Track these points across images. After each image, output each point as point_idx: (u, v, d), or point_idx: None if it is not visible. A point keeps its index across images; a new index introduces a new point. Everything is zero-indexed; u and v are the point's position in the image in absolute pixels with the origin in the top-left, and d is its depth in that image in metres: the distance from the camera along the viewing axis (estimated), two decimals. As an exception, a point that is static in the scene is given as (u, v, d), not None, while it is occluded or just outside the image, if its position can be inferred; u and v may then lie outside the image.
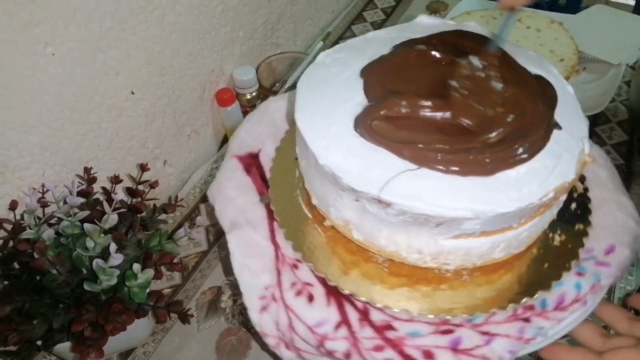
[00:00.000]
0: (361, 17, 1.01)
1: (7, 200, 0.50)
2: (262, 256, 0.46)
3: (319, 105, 0.43)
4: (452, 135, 0.39)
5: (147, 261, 0.50)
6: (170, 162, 0.72)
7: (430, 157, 0.38)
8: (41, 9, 0.46)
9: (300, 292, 0.44)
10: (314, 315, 0.43)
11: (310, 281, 0.45)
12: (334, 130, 0.41)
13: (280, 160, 0.52)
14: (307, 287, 0.44)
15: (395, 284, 0.44)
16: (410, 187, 0.37)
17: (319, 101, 0.43)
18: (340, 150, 0.40)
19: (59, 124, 0.53)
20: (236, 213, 0.48)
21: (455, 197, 0.37)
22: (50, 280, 0.46)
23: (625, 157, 0.72)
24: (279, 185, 0.50)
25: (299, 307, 0.43)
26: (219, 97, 0.73)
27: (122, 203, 0.53)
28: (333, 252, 0.46)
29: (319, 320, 0.43)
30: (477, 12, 0.86)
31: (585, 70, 0.80)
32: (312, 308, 0.43)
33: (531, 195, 0.37)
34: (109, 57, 0.55)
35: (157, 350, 0.57)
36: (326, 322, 0.43)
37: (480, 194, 0.37)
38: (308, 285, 0.45)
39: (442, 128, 0.40)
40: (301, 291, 0.44)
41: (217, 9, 0.69)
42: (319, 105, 0.43)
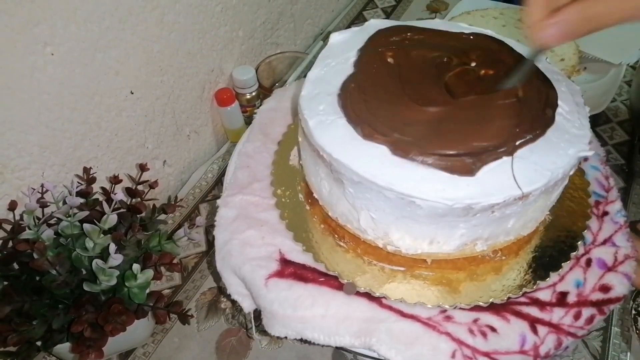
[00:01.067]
0: (361, 17, 1.00)
1: (7, 201, 0.50)
2: (417, 336, 0.42)
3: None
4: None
5: (147, 262, 0.50)
6: (170, 162, 0.71)
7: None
8: (40, 9, 0.46)
9: (483, 332, 0.43)
10: (512, 340, 0.43)
11: (473, 317, 0.44)
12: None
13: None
14: (479, 323, 0.44)
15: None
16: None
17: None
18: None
19: (58, 124, 0.52)
20: (349, 324, 0.44)
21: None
22: (50, 281, 0.46)
23: (626, 157, 0.72)
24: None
25: (496, 344, 0.43)
26: (219, 97, 0.73)
27: (122, 203, 0.53)
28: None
29: (519, 340, 0.43)
30: (477, 11, 0.86)
31: (585, 70, 0.79)
32: (502, 335, 0.43)
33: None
34: (108, 56, 0.55)
35: (157, 350, 0.57)
36: (524, 335, 0.43)
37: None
38: (477, 321, 0.44)
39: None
40: (483, 331, 0.43)
41: (217, 8, 0.69)
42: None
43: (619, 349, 0.55)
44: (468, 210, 0.39)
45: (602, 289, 0.45)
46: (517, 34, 0.80)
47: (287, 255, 0.48)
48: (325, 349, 0.56)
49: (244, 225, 0.50)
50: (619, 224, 0.50)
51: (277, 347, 0.57)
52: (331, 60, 0.48)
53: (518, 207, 0.40)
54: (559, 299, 0.45)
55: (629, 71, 0.80)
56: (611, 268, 0.46)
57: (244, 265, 0.47)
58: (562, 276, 0.46)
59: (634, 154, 0.72)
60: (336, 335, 0.43)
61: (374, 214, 0.43)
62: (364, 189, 0.41)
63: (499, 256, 0.47)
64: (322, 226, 0.50)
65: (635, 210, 0.66)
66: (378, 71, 0.46)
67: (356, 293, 0.45)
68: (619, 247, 0.48)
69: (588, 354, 0.54)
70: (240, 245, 0.48)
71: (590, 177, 0.53)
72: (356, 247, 0.48)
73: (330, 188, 0.46)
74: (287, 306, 0.44)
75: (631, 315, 0.53)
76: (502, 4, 0.89)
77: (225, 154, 0.77)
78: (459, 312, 0.44)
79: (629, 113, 0.78)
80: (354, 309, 0.44)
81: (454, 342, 0.42)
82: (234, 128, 0.77)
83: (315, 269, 0.47)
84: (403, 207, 0.40)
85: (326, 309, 0.44)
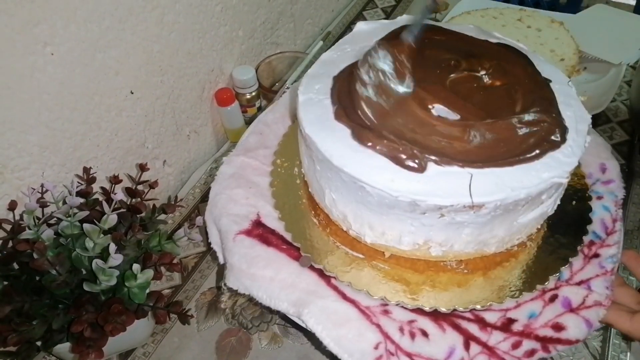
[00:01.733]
0: (361, 17, 1.00)
1: (7, 201, 0.50)
2: (349, 319, 0.44)
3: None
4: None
5: (147, 261, 0.50)
6: (170, 162, 0.71)
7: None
8: (40, 9, 0.46)
9: (413, 333, 0.43)
10: (440, 349, 0.42)
11: (410, 318, 0.44)
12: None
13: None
14: (413, 325, 0.44)
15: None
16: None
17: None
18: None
19: (58, 124, 0.52)
20: (291, 292, 0.46)
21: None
22: (50, 281, 0.46)
23: (626, 157, 0.72)
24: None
25: (421, 348, 0.42)
26: (219, 97, 0.73)
27: (122, 203, 0.53)
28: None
29: (447, 351, 0.42)
30: (477, 11, 0.86)
31: (585, 70, 0.79)
32: (432, 342, 0.43)
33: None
34: (108, 56, 0.55)
35: (157, 351, 0.57)
36: (454, 348, 0.42)
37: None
38: (412, 322, 0.44)
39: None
40: (413, 332, 0.43)
41: (217, 8, 0.68)
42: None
43: (619, 349, 0.54)
44: (414, 206, 0.39)
45: (555, 327, 0.44)
46: (516, 34, 0.80)
47: (262, 219, 0.51)
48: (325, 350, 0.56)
49: (235, 183, 0.54)
50: (605, 269, 0.47)
51: (277, 347, 0.57)
52: (348, 47, 0.51)
53: (470, 216, 0.40)
54: (504, 324, 0.44)
55: (628, 71, 0.80)
56: (574, 310, 0.45)
57: (222, 217, 0.51)
58: (519, 304, 0.45)
59: (633, 154, 0.72)
60: (277, 300, 0.45)
61: (334, 194, 0.45)
62: (326, 168, 0.43)
63: (461, 268, 0.47)
64: (304, 201, 0.52)
65: (635, 210, 0.66)
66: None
67: (310, 267, 0.47)
68: (592, 292, 0.46)
69: (588, 354, 0.54)
70: (225, 200, 0.52)
71: (596, 215, 0.51)
72: (327, 226, 0.50)
73: (308, 164, 0.48)
74: (243, 262, 0.47)
75: (626, 342, 0.53)
76: (502, 3, 0.89)
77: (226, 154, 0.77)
78: (400, 310, 0.45)
79: (629, 113, 0.78)
80: (301, 280, 0.46)
81: (381, 334, 0.43)
82: (234, 128, 0.77)
83: (282, 237, 0.50)
84: (355, 191, 0.41)
85: (276, 272, 0.47)
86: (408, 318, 0.44)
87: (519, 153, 0.41)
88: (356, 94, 0.43)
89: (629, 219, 0.64)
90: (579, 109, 0.46)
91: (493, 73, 0.47)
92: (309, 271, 0.47)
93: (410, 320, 0.44)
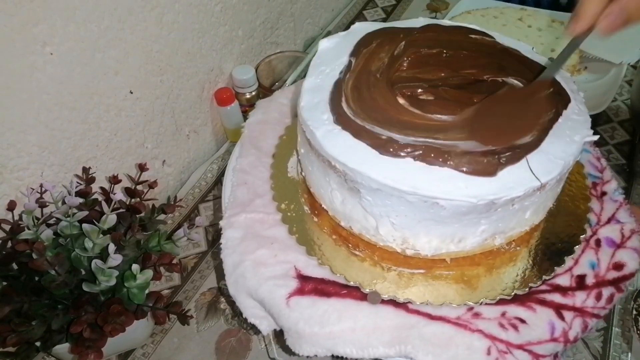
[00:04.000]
0: (361, 16, 1.00)
1: (6, 201, 0.50)
2: (450, 337, 0.42)
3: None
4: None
5: (146, 262, 0.50)
6: (169, 162, 0.71)
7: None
8: (40, 9, 0.46)
9: (514, 324, 0.43)
10: (541, 329, 0.43)
11: (500, 311, 0.44)
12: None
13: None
14: (507, 316, 0.43)
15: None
16: None
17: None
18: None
19: (57, 124, 0.52)
20: (380, 334, 0.43)
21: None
22: (49, 281, 0.46)
23: (627, 156, 0.72)
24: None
25: (528, 334, 0.42)
26: (218, 97, 0.73)
27: (121, 203, 0.53)
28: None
29: (549, 328, 0.43)
30: (477, 11, 0.86)
31: (586, 69, 0.79)
32: (532, 326, 0.43)
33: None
34: (107, 56, 0.55)
35: (157, 351, 0.57)
36: (553, 323, 0.43)
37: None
38: (504, 315, 0.44)
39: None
40: (513, 324, 0.43)
41: (216, 7, 0.68)
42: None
43: (620, 350, 0.54)
44: (491, 205, 0.39)
45: (616, 267, 0.46)
46: (517, 34, 0.80)
47: (303, 271, 0.46)
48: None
49: (253, 244, 0.48)
50: (619, 201, 0.50)
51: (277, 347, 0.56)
52: (325, 68, 0.48)
53: (536, 197, 0.41)
54: (578, 282, 0.45)
55: (629, 71, 0.80)
56: (620, 245, 0.47)
57: (260, 286, 0.45)
58: (576, 260, 0.46)
59: (634, 154, 0.71)
60: (369, 347, 0.42)
61: (394, 219, 0.42)
62: (384, 196, 0.40)
63: (513, 247, 0.47)
64: (333, 237, 0.49)
65: (636, 210, 0.66)
66: (367, 77, 0.46)
67: (381, 301, 0.44)
68: (623, 224, 0.49)
69: (589, 355, 0.54)
70: (253, 266, 0.46)
71: (582, 160, 0.53)
72: (372, 254, 0.47)
73: (344, 198, 0.45)
74: (313, 324, 0.43)
75: (632, 316, 0.53)
76: (502, 3, 0.89)
77: (225, 154, 0.77)
78: (485, 307, 0.44)
79: (630, 113, 0.78)
80: (382, 318, 0.43)
81: (487, 338, 0.42)
82: (234, 128, 0.77)
83: (334, 282, 0.45)
84: (426, 209, 0.40)
85: (354, 321, 0.43)
86: (499, 312, 0.44)
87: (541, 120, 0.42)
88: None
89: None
90: (560, 72, 0.47)
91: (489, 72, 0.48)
92: (383, 306, 0.44)
93: (502, 312, 0.44)
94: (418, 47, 0.49)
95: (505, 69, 0.47)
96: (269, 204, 0.51)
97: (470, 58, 0.48)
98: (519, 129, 0.41)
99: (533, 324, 0.43)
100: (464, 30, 0.51)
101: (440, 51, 0.49)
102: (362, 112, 0.43)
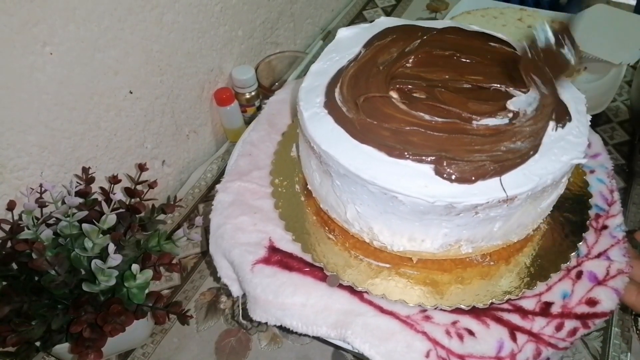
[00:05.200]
0: (361, 16, 1.00)
1: (5, 201, 0.50)
2: (393, 332, 0.43)
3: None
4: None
5: (146, 262, 0.50)
6: (169, 162, 0.71)
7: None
8: (40, 9, 0.46)
9: (460, 334, 0.43)
10: (489, 345, 0.42)
11: (452, 319, 0.44)
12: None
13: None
14: (457, 326, 0.43)
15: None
16: None
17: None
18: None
19: (57, 124, 0.52)
20: (327, 315, 0.44)
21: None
22: (49, 281, 0.46)
23: (626, 157, 0.72)
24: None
25: (472, 347, 0.42)
26: (218, 97, 0.73)
27: (121, 203, 0.53)
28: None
29: (496, 346, 0.43)
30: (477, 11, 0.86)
31: (586, 70, 0.79)
32: (480, 340, 0.43)
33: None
34: (107, 56, 0.55)
35: (156, 351, 0.57)
36: (502, 342, 0.43)
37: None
38: (455, 323, 0.44)
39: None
40: (460, 333, 0.43)
41: (216, 7, 0.68)
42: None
43: (619, 350, 0.54)
44: (450, 209, 0.39)
45: (589, 302, 0.45)
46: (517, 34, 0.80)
47: (276, 243, 0.49)
48: (325, 350, 0.56)
49: (238, 210, 0.51)
50: (617, 238, 0.49)
51: (277, 347, 0.57)
52: (335, 55, 0.49)
53: (503, 210, 0.40)
54: (543, 308, 0.45)
55: (629, 71, 0.80)
56: (601, 282, 0.46)
57: (233, 249, 0.48)
58: (550, 286, 0.46)
59: (634, 154, 0.71)
60: (314, 325, 0.44)
61: (359, 207, 0.43)
62: (350, 182, 0.41)
63: (487, 261, 0.47)
64: (314, 218, 0.51)
65: (636, 210, 0.66)
66: (370, 68, 0.47)
67: (339, 286, 0.45)
68: (612, 261, 0.47)
69: (588, 355, 0.54)
70: (232, 230, 0.50)
71: (594, 189, 0.52)
72: (345, 240, 0.49)
73: (321, 180, 0.46)
74: (269, 292, 0.45)
75: (631, 316, 0.53)
76: (502, 3, 0.89)
77: (225, 154, 0.77)
78: (440, 313, 0.44)
79: (630, 113, 0.78)
80: (334, 301, 0.45)
81: (430, 341, 0.42)
82: (234, 128, 0.77)
83: (301, 259, 0.48)
84: (386, 202, 0.40)
85: (307, 298, 0.45)
86: (450, 320, 0.44)
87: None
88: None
89: (629, 219, 0.64)
90: (573, 91, 0.47)
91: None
92: (339, 290, 0.45)
93: (454, 321, 0.44)
94: (431, 47, 0.49)
95: (514, 80, 0.46)
96: (265, 177, 0.54)
97: (482, 65, 0.48)
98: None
99: (482, 338, 0.43)
100: (485, 37, 0.51)
101: (453, 54, 0.49)
102: (350, 99, 0.44)
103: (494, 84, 0.46)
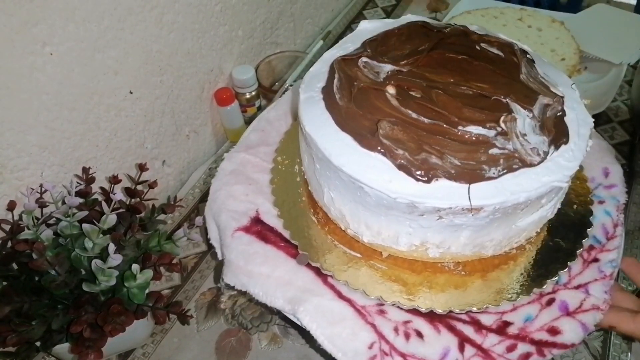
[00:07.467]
0: (361, 16, 1.00)
1: (5, 201, 0.50)
2: (343, 318, 0.44)
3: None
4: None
5: (146, 262, 0.50)
6: (169, 162, 0.71)
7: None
8: (39, 9, 0.46)
9: (408, 333, 0.43)
10: (434, 350, 0.42)
11: (406, 318, 0.44)
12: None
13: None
14: (408, 326, 0.43)
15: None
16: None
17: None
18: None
19: (57, 124, 0.52)
20: (287, 289, 0.45)
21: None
22: (49, 281, 0.46)
23: (627, 156, 0.72)
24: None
25: (415, 348, 0.42)
26: (218, 97, 0.73)
27: (121, 203, 0.53)
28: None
29: (441, 352, 0.42)
30: (477, 11, 0.86)
31: (586, 69, 0.79)
32: (426, 343, 0.42)
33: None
34: (107, 56, 0.55)
35: (157, 351, 0.57)
36: (448, 350, 0.42)
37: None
38: (407, 323, 0.44)
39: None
40: (408, 333, 0.43)
41: (216, 7, 0.68)
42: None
43: (620, 349, 0.54)
44: (412, 208, 0.39)
45: (550, 330, 0.44)
46: (517, 34, 0.80)
47: (261, 216, 0.51)
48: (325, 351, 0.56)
49: (235, 179, 0.54)
50: (604, 273, 0.47)
51: (277, 347, 0.57)
52: (350, 45, 0.50)
53: (469, 219, 0.39)
54: (500, 326, 0.44)
55: (629, 71, 0.80)
56: (570, 313, 0.45)
57: (221, 213, 0.51)
58: (516, 307, 0.45)
59: (634, 154, 0.71)
60: (273, 297, 0.46)
61: (332, 193, 0.45)
62: (326, 167, 0.42)
63: (459, 270, 0.46)
64: (304, 199, 0.52)
65: (636, 210, 0.66)
66: (377, 60, 0.47)
67: (307, 265, 0.47)
68: (590, 295, 0.46)
69: (588, 354, 0.54)
70: (224, 196, 0.52)
71: (597, 220, 0.50)
72: (325, 224, 0.50)
73: (308, 162, 0.48)
74: (241, 258, 0.47)
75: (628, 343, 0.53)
76: (502, 3, 0.89)
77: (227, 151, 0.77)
78: (396, 310, 0.45)
79: (630, 113, 0.78)
80: (297, 278, 0.46)
81: (376, 334, 0.43)
82: (234, 128, 0.77)
83: (280, 234, 0.50)
84: (354, 191, 0.41)
85: (273, 270, 0.47)
86: (404, 319, 0.44)
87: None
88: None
89: (629, 220, 0.64)
90: (581, 112, 0.45)
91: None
92: (306, 269, 0.47)
93: (406, 320, 0.44)
94: (445, 49, 0.49)
95: (520, 95, 0.44)
96: (270, 153, 0.57)
97: (493, 74, 0.47)
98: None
99: (429, 342, 0.43)
100: (509, 48, 0.49)
101: (465, 59, 0.48)
102: (347, 87, 0.45)
103: (497, 95, 0.44)
